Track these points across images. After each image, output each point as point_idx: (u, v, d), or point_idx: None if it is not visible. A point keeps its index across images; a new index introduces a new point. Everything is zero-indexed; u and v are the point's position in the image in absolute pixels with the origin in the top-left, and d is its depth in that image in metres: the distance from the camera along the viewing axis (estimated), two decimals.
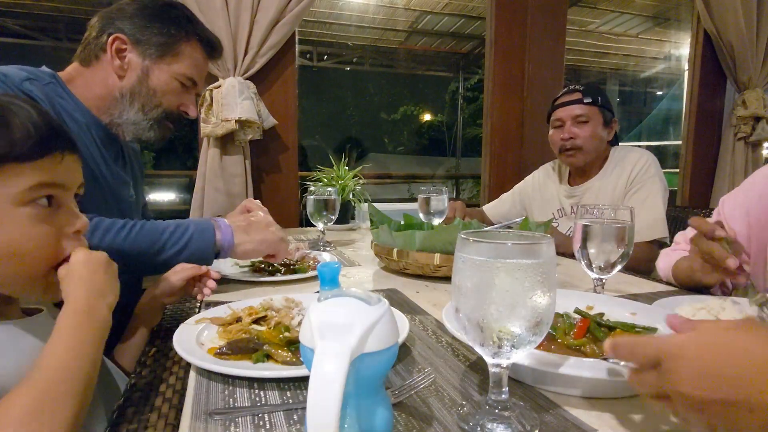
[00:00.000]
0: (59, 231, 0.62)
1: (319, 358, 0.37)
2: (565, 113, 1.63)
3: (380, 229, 1.19)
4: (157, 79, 1.08)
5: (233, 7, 1.92)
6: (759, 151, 2.84)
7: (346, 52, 8.95)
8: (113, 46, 1.04)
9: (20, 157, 0.57)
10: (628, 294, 1.00)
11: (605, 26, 6.48)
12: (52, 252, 0.61)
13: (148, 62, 1.07)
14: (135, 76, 1.06)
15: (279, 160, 2.22)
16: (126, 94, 1.07)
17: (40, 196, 0.59)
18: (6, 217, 0.57)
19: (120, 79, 1.06)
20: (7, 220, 0.57)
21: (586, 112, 1.60)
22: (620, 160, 1.65)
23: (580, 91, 1.63)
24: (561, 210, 1.76)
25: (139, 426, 0.52)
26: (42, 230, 0.59)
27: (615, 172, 1.63)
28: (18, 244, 0.58)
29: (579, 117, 1.61)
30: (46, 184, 0.59)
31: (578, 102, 1.62)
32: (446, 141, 10.90)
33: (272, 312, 0.77)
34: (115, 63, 1.05)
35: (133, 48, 1.06)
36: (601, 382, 0.54)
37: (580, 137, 1.61)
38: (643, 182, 1.57)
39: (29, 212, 0.58)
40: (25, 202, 0.58)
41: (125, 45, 1.05)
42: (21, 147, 0.56)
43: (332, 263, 0.62)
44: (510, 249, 0.45)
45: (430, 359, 0.67)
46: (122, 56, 1.05)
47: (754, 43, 2.68)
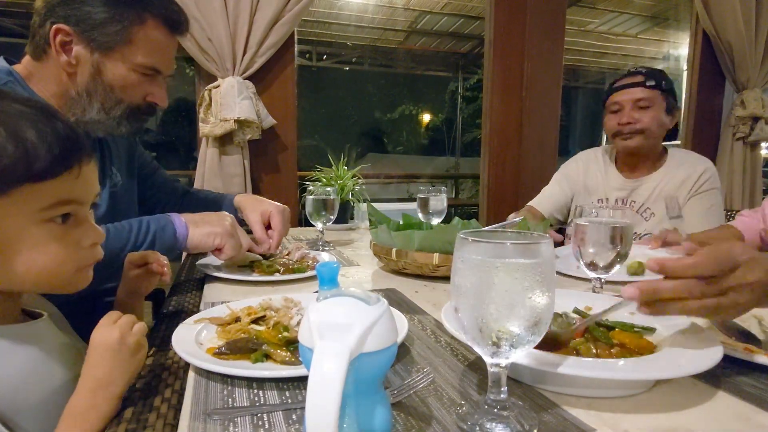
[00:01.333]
0: (77, 245, 0.61)
1: (318, 358, 0.37)
2: (625, 97, 1.51)
3: (379, 229, 1.19)
4: (112, 74, 0.95)
5: (232, 7, 1.92)
6: (757, 151, 2.84)
7: (345, 52, 8.94)
8: (57, 39, 0.91)
9: (37, 177, 0.54)
10: None
11: (604, 26, 6.48)
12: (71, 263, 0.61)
13: (97, 56, 0.94)
14: (87, 73, 0.94)
15: (278, 160, 2.22)
16: (82, 94, 0.96)
17: (57, 214, 0.58)
18: (26, 237, 0.56)
19: (71, 76, 0.95)
20: (27, 239, 0.56)
21: (649, 95, 1.48)
22: (682, 163, 1.55)
23: (642, 73, 1.51)
24: (605, 201, 1.66)
25: (138, 426, 0.52)
26: (59, 247, 0.59)
27: (678, 172, 1.54)
28: (38, 261, 0.58)
29: (640, 101, 1.49)
30: (64, 201, 0.58)
31: (640, 85, 1.49)
32: (445, 141, 10.90)
33: (271, 312, 0.77)
34: (62, 59, 0.93)
35: (78, 40, 0.92)
36: (600, 381, 0.54)
37: (642, 122, 1.48)
38: (709, 191, 1.51)
39: (47, 230, 0.58)
40: (44, 220, 0.57)
41: (69, 37, 0.92)
42: (38, 167, 0.54)
43: (331, 263, 0.62)
44: (509, 249, 0.45)
45: (429, 359, 0.67)
46: (68, 49, 0.93)
47: (752, 43, 2.68)
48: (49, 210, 0.57)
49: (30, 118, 0.55)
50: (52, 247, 0.58)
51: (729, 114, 2.84)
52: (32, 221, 0.56)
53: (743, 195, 2.76)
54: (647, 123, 1.49)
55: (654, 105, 1.50)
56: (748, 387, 0.59)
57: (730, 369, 0.63)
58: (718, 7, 2.64)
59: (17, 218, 0.55)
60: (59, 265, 0.59)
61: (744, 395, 0.56)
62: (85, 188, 0.61)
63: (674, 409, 0.53)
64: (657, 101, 1.50)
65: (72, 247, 0.60)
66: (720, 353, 0.56)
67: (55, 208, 0.57)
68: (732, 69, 2.76)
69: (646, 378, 0.56)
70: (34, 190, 0.55)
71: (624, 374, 0.53)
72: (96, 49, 0.94)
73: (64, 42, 0.92)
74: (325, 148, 9.50)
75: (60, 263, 0.59)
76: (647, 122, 1.49)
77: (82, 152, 0.59)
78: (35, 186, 0.55)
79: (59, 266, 0.59)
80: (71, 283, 0.63)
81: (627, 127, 1.51)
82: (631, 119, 1.50)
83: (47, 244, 0.58)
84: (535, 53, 2.56)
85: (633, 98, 1.51)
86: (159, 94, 1.03)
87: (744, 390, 0.58)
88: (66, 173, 0.57)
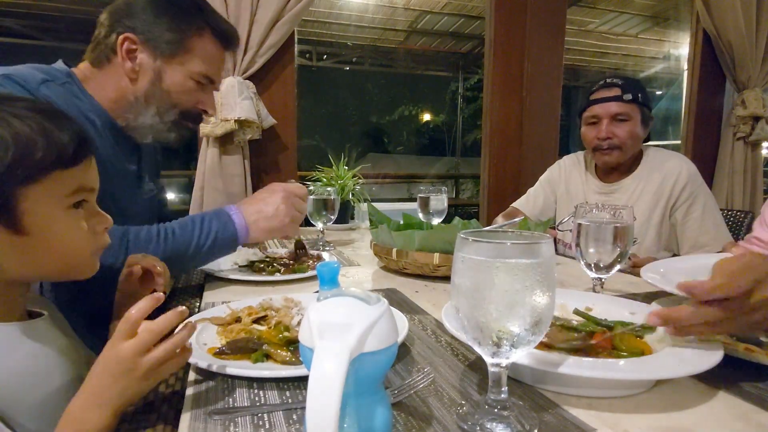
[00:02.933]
0: (93, 229, 0.66)
1: (318, 358, 0.37)
2: (602, 110, 1.51)
3: (379, 229, 1.19)
4: (171, 80, 1.03)
5: (233, 7, 1.92)
6: (758, 151, 2.84)
7: (345, 52, 8.94)
8: (123, 47, 1.00)
9: (65, 163, 0.60)
10: (627, 293, 1.01)
11: (604, 26, 6.47)
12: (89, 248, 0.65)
13: (160, 62, 1.02)
14: (148, 79, 1.02)
15: (278, 160, 2.22)
16: (140, 98, 1.03)
17: (78, 200, 0.63)
18: (55, 222, 0.61)
19: (132, 82, 1.02)
20: (56, 224, 0.61)
21: (626, 110, 1.48)
22: (658, 165, 1.55)
23: (619, 86, 1.50)
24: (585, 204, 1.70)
25: (138, 426, 0.52)
26: (80, 232, 0.63)
27: (653, 177, 1.53)
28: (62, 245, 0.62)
29: (618, 115, 1.48)
30: (83, 188, 0.64)
31: (617, 99, 1.49)
32: (446, 141, 10.89)
33: (272, 312, 0.77)
34: (126, 66, 1.01)
35: (143, 48, 1.01)
36: (601, 381, 0.54)
37: (618, 137, 1.48)
38: (694, 194, 1.49)
39: (71, 215, 0.62)
40: (68, 206, 0.62)
41: (135, 45, 1.01)
42: (64, 155, 0.60)
43: (331, 263, 0.62)
44: (509, 249, 0.45)
45: (430, 359, 0.67)
46: (133, 57, 1.01)
47: (753, 42, 2.68)
48: (73, 196, 0.62)
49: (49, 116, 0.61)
50: (75, 232, 0.63)
51: (729, 114, 2.84)
52: (60, 207, 0.61)
53: (744, 195, 2.76)
54: (624, 138, 1.49)
55: (631, 119, 1.49)
56: (748, 387, 0.59)
57: (730, 369, 0.63)
58: (718, 7, 2.64)
59: (48, 204, 0.60)
60: (80, 250, 0.64)
61: (744, 395, 0.56)
62: (95, 177, 0.67)
63: (674, 409, 0.53)
64: (634, 115, 1.50)
65: (89, 232, 0.65)
66: (720, 353, 0.56)
67: (78, 194, 0.63)
68: (732, 68, 2.75)
69: (646, 378, 0.56)
70: (62, 176, 0.60)
71: (624, 374, 0.53)
72: (159, 57, 1.02)
73: (130, 50, 1.01)
74: (325, 148, 9.49)
75: (80, 247, 0.64)
76: (624, 137, 1.49)
77: (91, 145, 0.65)
78: (63, 173, 0.60)
79: (80, 250, 0.64)
80: (86, 267, 0.67)
81: (606, 142, 1.51)
82: (609, 134, 1.50)
83: (71, 229, 0.62)
84: (536, 53, 2.56)
85: (610, 112, 1.50)
86: (209, 102, 1.11)
87: (744, 390, 0.58)
88: (85, 161, 0.63)
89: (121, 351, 0.52)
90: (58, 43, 6.20)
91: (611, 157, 1.53)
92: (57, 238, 0.61)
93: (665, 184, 1.51)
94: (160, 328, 0.54)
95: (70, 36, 6.03)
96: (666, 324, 0.58)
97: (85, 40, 1.08)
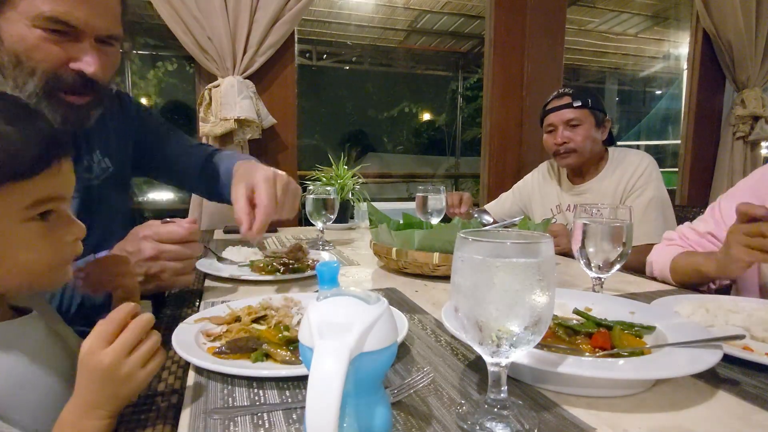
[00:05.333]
0: (60, 241, 0.61)
1: (318, 358, 0.37)
2: (556, 118, 1.65)
3: (379, 229, 1.19)
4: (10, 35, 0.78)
5: (232, 6, 1.92)
6: (757, 150, 2.84)
7: (345, 51, 8.93)
8: None
9: (18, 175, 0.54)
10: (627, 293, 1.01)
11: (604, 25, 6.47)
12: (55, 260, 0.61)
13: None
14: None
15: (278, 160, 2.22)
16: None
17: (40, 211, 0.58)
18: (11, 237, 0.56)
19: None
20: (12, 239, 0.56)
21: (577, 115, 1.61)
22: (620, 162, 1.66)
23: (569, 94, 1.64)
24: (558, 207, 1.78)
25: (138, 425, 0.52)
26: (44, 244, 0.58)
27: (616, 173, 1.64)
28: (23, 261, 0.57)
29: (571, 121, 1.62)
30: (46, 199, 0.58)
31: (568, 106, 1.63)
32: (446, 140, 10.89)
33: (271, 311, 0.77)
34: None
35: None
36: (600, 381, 0.54)
37: (574, 141, 1.62)
38: (644, 186, 1.58)
39: (31, 228, 0.57)
40: (27, 219, 0.57)
41: None
42: (19, 165, 0.54)
43: (331, 262, 0.62)
44: (509, 248, 0.45)
45: (429, 358, 0.67)
46: None
47: (752, 42, 2.68)
48: (32, 208, 0.57)
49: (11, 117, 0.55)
50: (37, 245, 0.58)
51: (729, 113, 2.84)
52: (16, 220, 0.56)
53: None
54: (579, 142, 1.61)
55: (583, 123, 1.61)
56: (748, 387, 0.59)
57: (730, 369, 0.63)
58: (718, 7, 2.64)
59: (1, 218, 0.55)
60: (44, 263, 0.59)
61: (744, 395, 0.56)
62: (66, 184, 0.61)
63: (674, 408, 0.53)
64: (585, 119, 1.62)
65: (56, 244, 0.60)
66: (720, 353, 0.56)
67: (38, 205, 0.57)
68: (732, 68, 2.76)
69: (646, 378, 0.56)
70: (16, 188, 0.54)
71: (624, 374, 0.53)
72: None
73: None
74: (325, 148, 9.49)
75: (45, 261, 0.59)
76: (579, 141, 1.61)
77: (60, 148, 0.59)
78: (17, 185, 0.54)
79: (44, 264, 0.59)
80: (54, 280, 0.62)
81: (562, 146, 1.64)
82: (564, 139, 1.63)
83: (32, 243, 0.57)
84: (536, 52, 2.56)
85: (563, 119, 1.63)
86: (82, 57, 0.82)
87: (744, 390, 0.58)
88: (47, 170, 0.57)
89: (104, 358, 0.52)
90: None
91: (570, 159, 1.65)
92: (13, 252, 0.56)
93: (623, 178, 1.63)
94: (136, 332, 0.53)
95: None
96: None
97: None
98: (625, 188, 1.61)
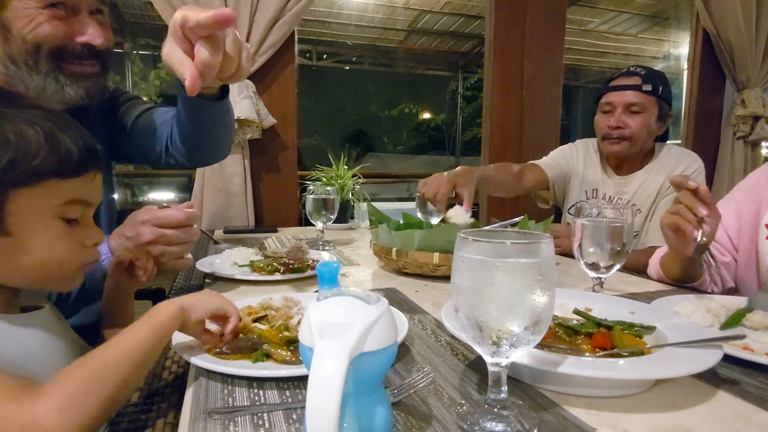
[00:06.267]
0: (81, 244, 0.66)
1: (318, 358, 0.37)
2: (618, 98, 1.46)
3: (379, 229, 1.19)
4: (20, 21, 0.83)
5: (232, 6, 1.92)
6: (758, 150, 2.84)
7: (345, 51, 8.93)
8: None
9: (63, 174, 0.61)
10: (627, 293, 1.01)
11: (604, 25, 6.47)
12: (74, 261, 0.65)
13: None
14: None
15: (278, 160, 2.22)
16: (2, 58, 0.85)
17: (71, 211, 0.63)
18: (42, 229, 0.61)
19: None
20: (42, 232, 0.61)
21: (642, 101, 1.44)
22: (670, 159, 1.53)
23: (640, 75, 1.46)
24: (595, 191, 1.64)
25: (138, 425, 0.52)
26: (68, 243, 0.63)
27: (664, 171, 1.52)
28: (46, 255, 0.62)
29: (633, 106, 1.44)
30: (78, 201, 0.64)
31: (635, 88, 1.45)
32: (446, 140, 10.89)
33: (271, 311, 0.77)
34: None
35: None
36: (601, 381, 0.54)
37: (630, 128, 1.45)
38: None
39: (60, 225, 0.63)
40: (59, 216, 0.62)
41: None
42: (66, 165, 0.61)
43: (331, 262, 0.62)
44: (509, 248, 0.45)
45: (429, 358, 0.67)
46: None
47: (753, 42, 2.68)
48: (66, 207, 0.62)
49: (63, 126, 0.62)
50: (61, 243, 0.63)
51: (729, 113, 2.84)
52: (48, 214, 0.61)
53: None
54: (635, 130, 1.45)
55: (646, 111, 1.45)
56: (748, 387, 0.59)
57: (730, 369, 0.63)
58: (718, 6, 2.64)
59: (37, 209, 0.60)
60: (63, 262, 0.63)
61: (744, 395, 0.56)
62: (95, 193, 0.67)
63: (674, 408, 0.53)
64: (650, 107, 1.46)
65: (77, 246, 0.65)
66: (720, 353, 0.56)
67: (71, 206, 0.63)
68: (732, 68, 2.75)
69: (646, 378, 0.56)
70: (58, 185, 0.61)
71: (624, 374, 0.53)
72: None
73: None
74: (325, 148, 9.49)
75: (65, 259, 0.64)
76: (635, 129, 1.45)
77: (98, 161, 0.66)
78: (60, 182, 0.61)
79: (63, 262, 0.64)
80: (69, 281, 0.67)
81: (616, 131, 1.48)
82: (620, 123, 1.46)
83: (57, 240, 0.62)
84: (536, 52, 2.56)
85: (626, 101, 1.46)
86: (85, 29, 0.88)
87: (744, 390, 0.58)
88: (86, 175, 0.64)
89: None
90: None
91: (619, 147, 1.49)
92: (39, 244, 0.61)
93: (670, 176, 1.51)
94: None
95: None
96: None
97: None
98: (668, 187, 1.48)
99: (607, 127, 1.49)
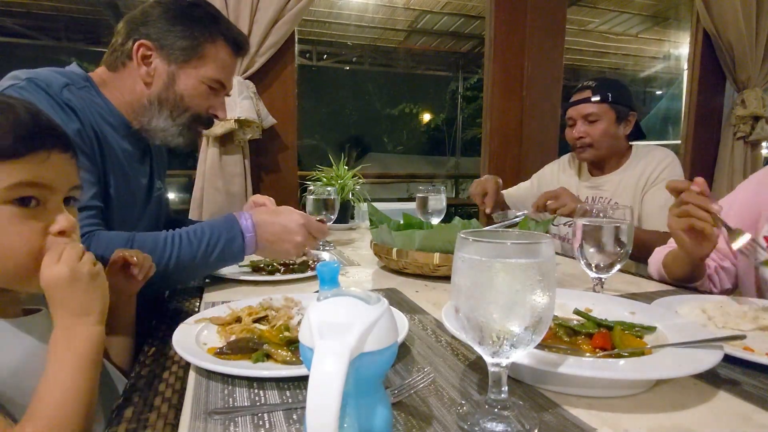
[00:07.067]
0: (43, 231, 0.61)
1: (318, 358, 0.37)
2: (575, 112, 1.63)
3: (379, 229, 1.19)
4: (184, 85, 1.07)
5: (233, 7, 1.92)
6: (758, 151, 2.84)
7: (345, 52, 8.94)
8: (139, 53, 1.04)
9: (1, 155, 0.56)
10: (627, 293, 1.01)
11: (604, 26, 6.47)
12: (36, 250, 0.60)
13: (173, 67, 1.06)
14: (161, 83, 1.06)
15: (278, 160, 2.22)
16: (154, 102, 1.07)
17: (21, 195, 0.58)
18: None
19: (147, 86, 1.06)
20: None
21: (595, 110, 1.59)
22: (643, 157, 1.64)
23: (590, 88, 1.62)
24: None
25: (138, 426, 0.52)
26: (23, 229, 0.59)
27: (638, 168, 1.62)
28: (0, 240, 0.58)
29: (588, 116, 1.60)
30: (28, 183, 0.58)
31: (587, 101, 1.60)
32: (446, 140, 10.90)
33: (272, 312, 0.77)
34: (141, 70, 1.05)
35: (158, 53, 1.05)
36: (601, 381, 0.54)
37: (591, 136, 1.61)
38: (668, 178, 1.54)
39: (10, 210, 0.58)
40: (6, 200, 0.58)
41: (150, 51, 1.05)
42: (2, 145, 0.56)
43: (331, 263, 0.62)
44: (509, 248, 0.45)
45: (430, 358, 0.67)
46: (148, 62, 1.05)
47: (753, 42, 2.68)
48: (12, 190, 0.58)
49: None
50: (15, 228, 0.58)
51: (729, 113, 2.84)
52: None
53: None
54: (596, 137, 1.61)
55: (601, 118, 1.60)
56: (748, 387, 0.59)
57: (731, 369, 0.63)
58: (718, 7, 2.64)
59: None
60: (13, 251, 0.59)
61: (744, 395, 0.56)
62: (56, 175, 0.62)
63: (674, 408, 0.53)
64: (604, 114, 1.60)
65: (35, 232, 0.60)
66: (720, 353, 0.56)
67: (18, 188, 0.58)
68: (732, 68, 2.75)
69: (646, 378, 0.56)
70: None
71: (624, 374, 0.53)
72: (173, 62, 1.06)
73: (145, 56, 1.05)
74: (325, 148, 9.49)
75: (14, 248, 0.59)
76: (597, 136, 1.61)
77: (49, 139, 0.61)
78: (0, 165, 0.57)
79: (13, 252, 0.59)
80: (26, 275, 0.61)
81: (579, 141, 1.64)
82: (581, 134, 1.62)
83: (11, 224, 0.58)
84: (536, 52, 2.56)
85: (581, 113, 1.62)
86: (220, 107, 1.15)
87: (744, 390, 0.58)
88: (32, 155, 0.58)
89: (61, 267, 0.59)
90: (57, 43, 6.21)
91: (586, 154, 1.65)
92: None
93: (645, 171, 1.61)
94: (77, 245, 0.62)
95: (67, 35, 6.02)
96: None
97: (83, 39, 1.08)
98: (647, 180, 1.59)
99: (573, 138, 1.66)
